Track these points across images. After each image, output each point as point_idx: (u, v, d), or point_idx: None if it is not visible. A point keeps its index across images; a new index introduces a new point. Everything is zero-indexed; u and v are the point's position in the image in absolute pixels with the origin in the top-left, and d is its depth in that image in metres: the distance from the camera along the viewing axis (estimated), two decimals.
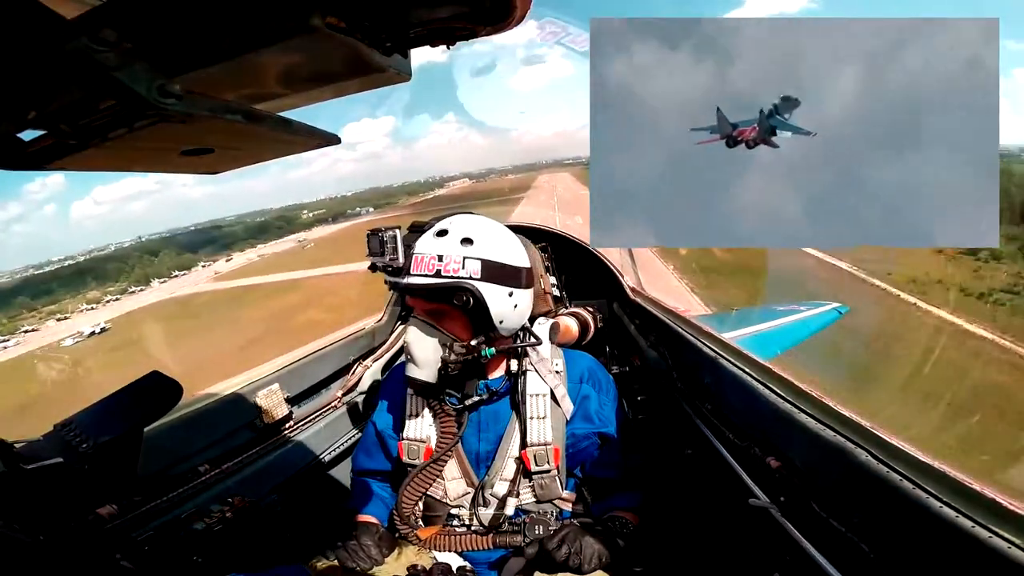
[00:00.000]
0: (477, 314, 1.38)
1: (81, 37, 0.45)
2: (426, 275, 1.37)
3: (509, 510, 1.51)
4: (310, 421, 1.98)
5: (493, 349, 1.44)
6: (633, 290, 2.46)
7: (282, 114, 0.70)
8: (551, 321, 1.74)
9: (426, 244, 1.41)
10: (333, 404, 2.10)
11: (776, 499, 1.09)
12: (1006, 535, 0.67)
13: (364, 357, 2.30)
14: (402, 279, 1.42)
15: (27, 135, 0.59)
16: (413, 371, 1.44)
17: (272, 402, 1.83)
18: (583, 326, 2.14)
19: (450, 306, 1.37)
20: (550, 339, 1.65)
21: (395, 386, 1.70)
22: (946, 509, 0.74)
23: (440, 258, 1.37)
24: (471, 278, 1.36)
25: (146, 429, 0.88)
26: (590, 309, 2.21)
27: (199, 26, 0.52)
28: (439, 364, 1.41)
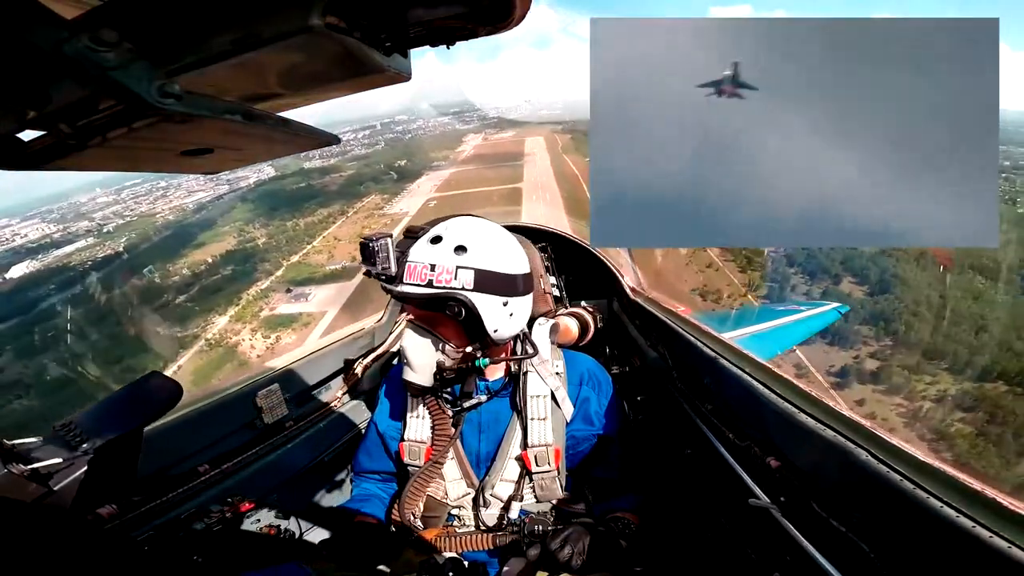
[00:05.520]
0: (470, 323, 1.36)
1: (81, 37, 0.45)
2: (418, 284, 1.33)
3: (510, 511, 1.51)
4: (310, 421, 1.98)
5: (487, 360, 1.44)
6: (633, 290, 2.45)
7: (282, 114, 0.70)
8: (551, 321, 1.74)
9: (419, 252, 1.36)
10: (333, 404, 2.10)
11: (776, 499, 1.09)
12: (1006, 535, 0.67)
13: (364, 357, 2.29)
14: (396, 287, 1.37)
15: (27, 135, 0.59)
16: (408, 374, 1.46)
17: (272, 402, 1.82)
18: (583, 326, 2.14)
19: (443, 315, 1.36)
20: (550, 339, 1.64)
21: (396, 386, 1.70)
22: (946, 509, 0.74)
23: (432, 267, 1.33)
24: (464, 288, 1.33)
25: (146, 429, 0.88)
26: (590, 309, 2.21)
27: (199, 27, 0.52)
28: (434, 368, 1.42)
